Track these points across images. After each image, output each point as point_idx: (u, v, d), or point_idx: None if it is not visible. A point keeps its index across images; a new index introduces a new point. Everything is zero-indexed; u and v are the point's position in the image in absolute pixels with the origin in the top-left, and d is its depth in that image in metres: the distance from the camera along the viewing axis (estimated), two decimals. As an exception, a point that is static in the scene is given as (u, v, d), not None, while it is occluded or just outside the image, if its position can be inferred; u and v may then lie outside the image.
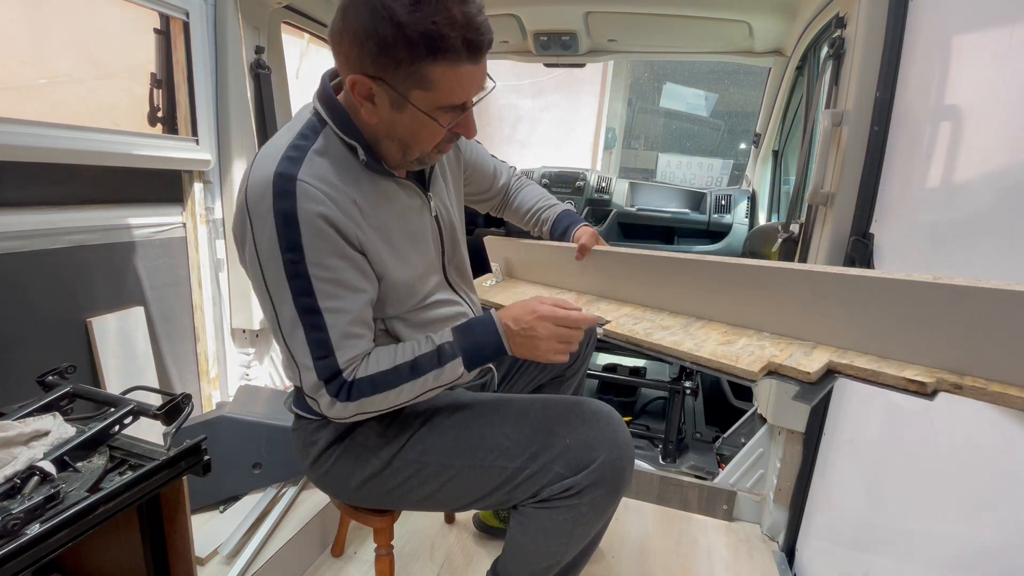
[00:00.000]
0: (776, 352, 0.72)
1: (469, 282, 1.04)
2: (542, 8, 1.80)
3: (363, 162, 0.79)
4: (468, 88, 0.72)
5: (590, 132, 6.19)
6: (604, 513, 0.86)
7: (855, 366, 0.66)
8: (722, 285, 0.85)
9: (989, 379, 0.59)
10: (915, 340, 0.64)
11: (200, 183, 1.58)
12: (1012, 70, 0.71)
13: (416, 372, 0.78)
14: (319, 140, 0.77)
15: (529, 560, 0.90)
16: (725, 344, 0.77)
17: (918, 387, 0.60)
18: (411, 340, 0.83)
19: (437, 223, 0.92)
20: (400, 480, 0.89)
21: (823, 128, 1.21)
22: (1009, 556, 0.63)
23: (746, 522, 1.59)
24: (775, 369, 0.69)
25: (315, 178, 0.73)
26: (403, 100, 0.72)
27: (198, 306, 1.63)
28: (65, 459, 0.73)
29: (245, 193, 0.74)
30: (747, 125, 5.17)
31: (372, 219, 0.80)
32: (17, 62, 1.52)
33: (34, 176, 1.22)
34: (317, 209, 0.72)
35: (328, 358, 0.76)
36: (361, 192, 0.79)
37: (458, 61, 0.68)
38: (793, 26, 1.73)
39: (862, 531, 1.04)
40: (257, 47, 1.65)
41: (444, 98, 0.72)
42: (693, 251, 2.27)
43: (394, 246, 0.83)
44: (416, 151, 0.79)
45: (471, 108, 0.76)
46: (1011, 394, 0.55)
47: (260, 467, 1.37)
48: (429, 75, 0.69)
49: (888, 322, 0.66)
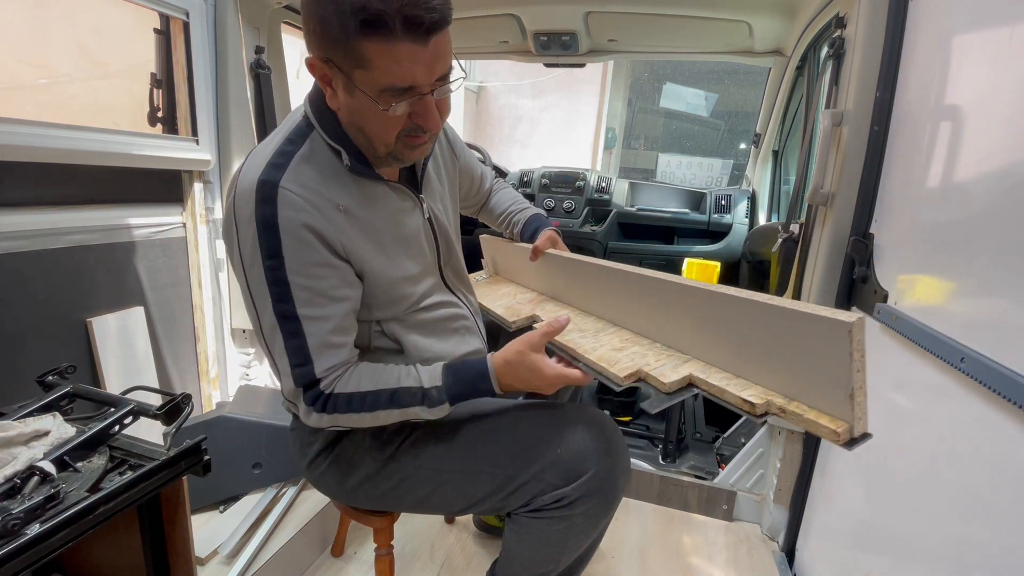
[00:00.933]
0: (652, 362, 0.76)
1: (467, 283, 1.04)
2: (542, 8, 1.80)
3: (347, 166, 0.78)
4: (410, 69, 0.66)
5: (590, 132, 6.19)
6: (599, 523, 0.86)
7: (709, 382, 0.69)
8: (630, 295, 0.89)
9: (809, 406, 0.61)
10: (760, 362, 0.67)
11: (200, 183, 1.58)
12: (1012, 70, 0.71)
13: (395, 403, 0.79)
14: (305, 145, 0.76)
15: (525, 566, 0.90)
16: (616, 350, 0.82)
17: (749, 408, 0.64)
18: (396, 366, 0.83)
19: (431, 225, 0.91)
20: (393, 483, 0.89)
21: (823, 128, 1.21)
22: (1009, 556, 0.63)
23: (746, 522, 1.59)
24: (642, 377, 0.75)
25: (298, 185, 0.73)
26: (350, 82, 0.68)
27: (198, 306, 1.63)
28: (65, 459, 0.73)
29: (233, 198, 0.74)
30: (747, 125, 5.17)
31: (359, 223, 0.79)
32: (17, 62, 1.52)
33: (34, 176, 1.22)
34: (299, 217, 0.72)
35: (306, 366, 0.75)
36: (348, 196, 0.78)
37: (392, 38, 0.62)
38: (793, 26, 1.73)
39: (862, 531, 1.04)
40: (257, 47, 1.65)
41: (383, 78, 0.66)
42: (693, 251, 2.27)
43: (384, 249, 0.83)
44: (379, 143, 0.75)
45: (429, 96, 0.70)
46: (822, 423, 0.59)
47: (260, 467, 1.37)
48: (364, 52, 0.64)
49: (743, 343, 0.68)
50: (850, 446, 0.58)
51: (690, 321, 0.76)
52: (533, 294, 1.19)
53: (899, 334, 0.92)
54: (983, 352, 0.69)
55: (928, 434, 0.84)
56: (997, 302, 0.70)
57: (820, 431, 0.59)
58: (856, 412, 0.56)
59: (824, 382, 0.59)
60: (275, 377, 0.80)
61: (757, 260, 2.01)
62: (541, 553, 0.87)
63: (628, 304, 0.91)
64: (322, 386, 0.77)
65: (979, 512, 0.70)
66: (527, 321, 1.04)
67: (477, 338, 1.00)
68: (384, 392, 0.78)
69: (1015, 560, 0.62)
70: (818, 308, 0.59)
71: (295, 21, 1.82)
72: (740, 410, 0.65)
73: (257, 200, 0.71)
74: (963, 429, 0.74)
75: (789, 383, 0.63)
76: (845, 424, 0.57)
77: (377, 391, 0.78)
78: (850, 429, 0.57)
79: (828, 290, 1.23)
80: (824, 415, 0.59)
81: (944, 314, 0.81)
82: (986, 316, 0.72)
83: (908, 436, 0.89)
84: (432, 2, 0.62)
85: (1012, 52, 0.71)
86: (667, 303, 0.81)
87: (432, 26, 0.64)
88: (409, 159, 0.81)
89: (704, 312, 0.73)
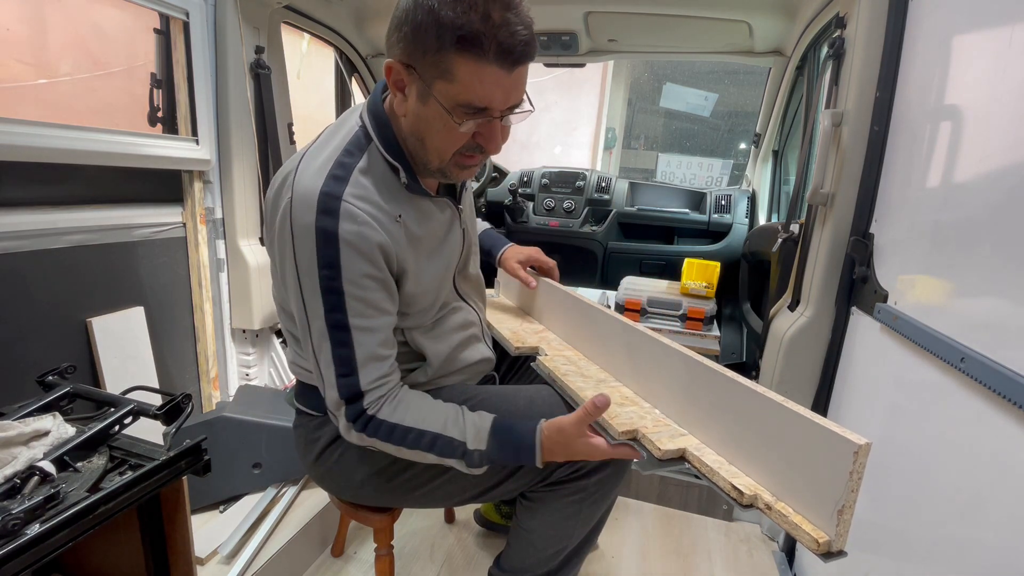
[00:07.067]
0: (649, 426, 0.77)
1: (479, 291, 1.05)
2: (542, 8, 1.80)
3: (404, 184, 0.79)
4: (491, 91, 0.69)
5: (590, 132, 6.19)
6: (611, 492, 0.91)
7: (702, 460, 0.70)
8: (631, 353, 0.91)
9: (795, 510, 0.62)
10: (755, 454, 0.67)
11: (200, 183, 1.58)
12: (1012, 70, 0.71)
13: (435, 449, 0.79)
14: (364, 159, 0.77)
15: (536, 546, 0.92)
16: (617, 405, 0.83)
17: (737, 495, 0.65)
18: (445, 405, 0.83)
19: (463, 235, 0.94)
20: (407, 475, 0.89)
21: (823, 128, 1.21)
22: (1009, 556, 0.63)
23: (746, 522, 1.59)
24: (637, 436, 0.75)
25: (359, 199, 0.74)
26: (427, 91, 0.70)
27: (198, 306, 1.63)
28: (65, 459, 0.73)
29: (290, 206, 0.73)
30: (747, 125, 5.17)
31: (412, 237, 0.81)
32: (17, 62, 1.52)
33: (34, 176, 1.22)
34: (359, 230, 0.73)
35: (351, 376, 0.76)
36: (404, 211, 0.80)
37: (483, 59, 0.66)
38: (793, 26, 1.73)
39: (862, 531, 1.04)
40: (257, 47, 1.65)
41: (463, 94, 0.69)
42: (693, 251, 2.27)
43: (428, 261, 0.85)
44: (435, 156, 0.77)
45: (498, 120, 0.74)
46: (804, 529, 0.59)
47: (260, 467, 1.37)
48: (452, 66, 0.67)
49: (744, 432, 0.69)
50: (826, 559, 0.58)
51: (695, 398, 0.76)
52: (540, 326, 1.18)
53: (899, 334, 0.92)
54: (983, 352, 0.69)
55: (928, 434, 0.84)
56: (997, 302, 0.70)
57: (801, 536, 0.59)
58: (839, 528, 0.56)
59: (816, 492, 0.59)
60: (319, 387, 0.80)
61: (757, 260, 2.01)
62: (555, 527, 0.90)
63: (630, 362, 0.91)
64: (365, 403, 0.77)
65: (979, 512, 0.70)
66: (530, 351, 1.05)
67: (485, 346, 1.01)
68: (427, 435, 0.79)
69: (1015, 560, 0.62)
70: (828, 422, 0.59)
71: (295, 21, 1.82)
72: (727, 495, 0.66)
73: (319, 211, 0.71)
74: (963, 429, 0.74)
75: (780, 482, 0.64)
76: (827, 537, 0.57)
77: (421, 431, 0.78)
78: (830, 543, 0.57)
79: (828, 290, 1.23)
80: (808, 523, 0.60)
81: (944, 314, 0.81)
82: (986, 316, 0.72)
83: (908, 436, 0.89)
84: (524, 35, 0.68)
85: (1012, 52, 0.71)
86: (674, 375, 0.80)
87: (520, 57, 0.68)
88: (456, 178, 0.82)
89: (713, 395, 0.73)
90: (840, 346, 1.22)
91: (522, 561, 0.94)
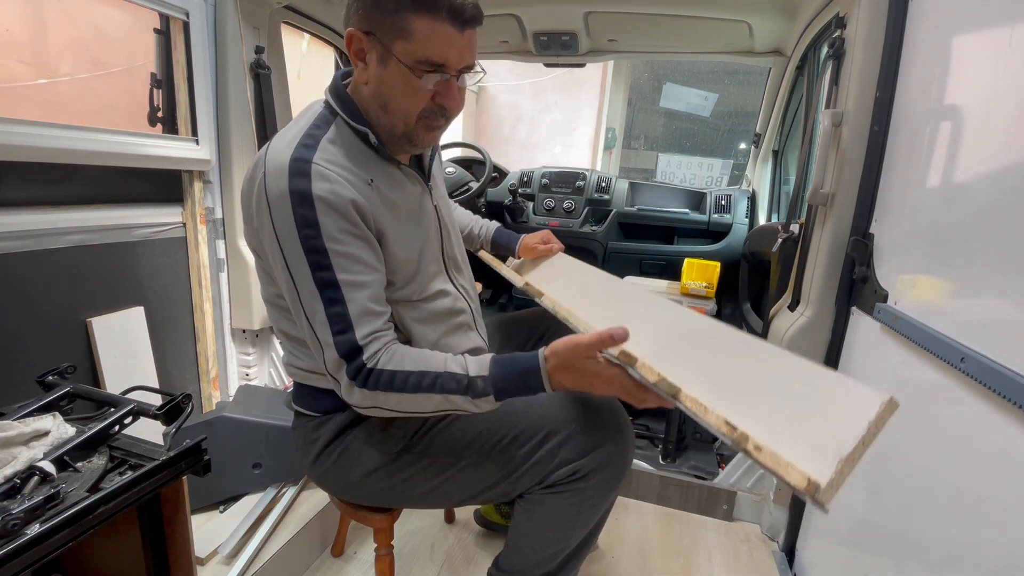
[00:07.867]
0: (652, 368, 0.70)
1: (468, 279, 1.05)
2: (542, 8, 1.80)
3: (374, 146, 0.82)
4: (447, 49, 0.75)
5: (590, 132, 6.19)
6: (608, 495, 0.90)
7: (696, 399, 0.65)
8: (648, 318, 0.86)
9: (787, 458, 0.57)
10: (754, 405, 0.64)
11: (200, 183, 1.58)
12: (1012, 70, 0.71)
13: (438, 387, 0.76)
14: (331, 130, 0.81)
15: (535, 548, 0.91)
16: None
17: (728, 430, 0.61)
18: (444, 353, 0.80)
19: (437, 213, 0.95)
20: (405, 475, 0.89)
21: (823, 128, 1.21)
22: (1009, 556, 0.63)
23: (746, 522, 1.59)
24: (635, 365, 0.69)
25: (329, 163, 0.77)
26: (387, 53, 0.76)
27: (198, 306, 1.63)
28: (65, 459, 0.73)
29: (264, 179, 0.75)
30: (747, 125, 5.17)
31: (386, 200, 0.83)
32: (17, 62, 1.52)
33: (34, 176, 1.22)
34: (332, 187, 0.75)
35: (347, 333, 0.75)
36: (375, 174, 0.82)
37: (438, 17, 0.73)
38: (793, 26, 1.73)
39: (862, 531, 1.04)
40: (257, 47, 1.65)
41: (422, 50, 0.74)
42: (693, 251, 2.27)
43: (406, 226, 0.86)
44: (400, 120, 0.81)
45: (454, 79, 0.79)
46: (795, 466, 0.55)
47: (260, 467, 1.37)
48: (410, 24, 0.73)
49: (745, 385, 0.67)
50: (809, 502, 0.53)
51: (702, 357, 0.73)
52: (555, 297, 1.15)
53: (899, 334, 0.92)
54: (983, 352, 0.69)
55: (928, 434, 0.84)
56: (997, 302, 0.70)
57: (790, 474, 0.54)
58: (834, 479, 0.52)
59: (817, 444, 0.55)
60: (317, 356, 0.78)
61: (757, 260, 2.01)
62: (553, 530, 0.89)
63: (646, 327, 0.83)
64: (364, 357, 0.75)
65: (979, 512, 0.70)
66: (536, 292, 1.06)
67: (477, 335, 1.01)
68: (428, 374, 0.76)
69: (1015, 560, 0.62)
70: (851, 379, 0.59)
71: (295, 21, 1.82)
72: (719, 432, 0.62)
73: (291, 174, 0.74)
74: (963, 429, 0.74)
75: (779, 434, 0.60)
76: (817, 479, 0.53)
77: (421, 372, 0.76)
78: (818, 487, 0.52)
79: (828, 290, 1.23)
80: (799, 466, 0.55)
81: (944, 314, 0.81)
82: (986, 316, 0.72)
83: (908, 436, 0.89)
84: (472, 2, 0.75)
85: (1012, 52, 0.71)
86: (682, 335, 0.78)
87: (469, 20, 0.76)
88: (423, 142, 0.85)
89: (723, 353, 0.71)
90: (840, 346, 1.22)
91: (520, 562, 0.93)
